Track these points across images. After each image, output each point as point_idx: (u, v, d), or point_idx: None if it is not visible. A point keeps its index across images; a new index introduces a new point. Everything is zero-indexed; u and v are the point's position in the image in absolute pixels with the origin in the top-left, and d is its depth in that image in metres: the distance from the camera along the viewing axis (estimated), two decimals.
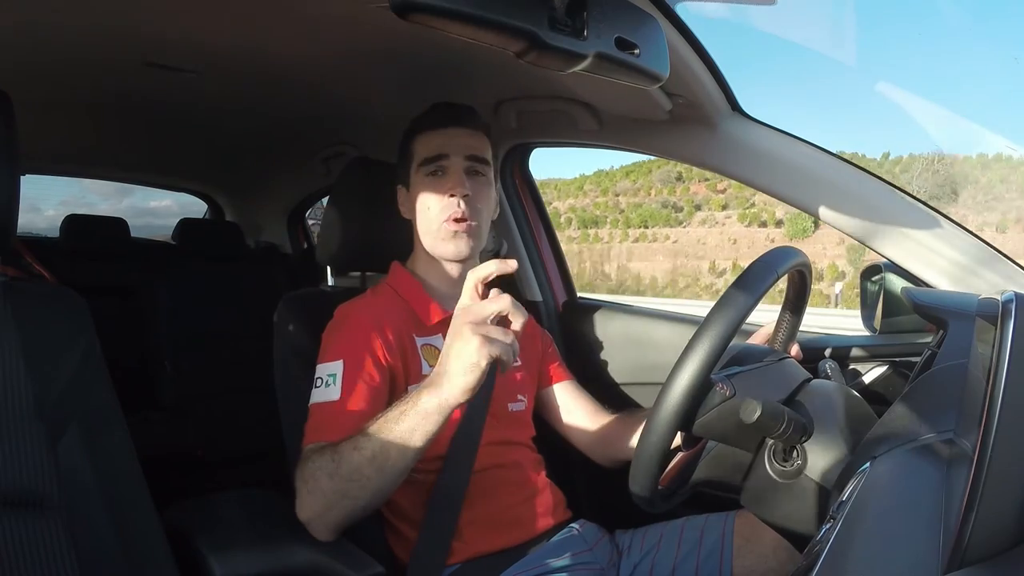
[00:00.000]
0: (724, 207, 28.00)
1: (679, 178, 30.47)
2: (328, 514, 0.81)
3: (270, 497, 0.95)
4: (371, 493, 0.80)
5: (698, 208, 28.96)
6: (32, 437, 0.70)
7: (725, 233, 27.47)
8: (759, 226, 26.27)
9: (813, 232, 23.86)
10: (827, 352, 1.08)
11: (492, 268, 0.75)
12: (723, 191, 28.48)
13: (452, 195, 0.97)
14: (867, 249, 1.02)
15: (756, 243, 26.57)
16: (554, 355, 1.20)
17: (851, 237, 1.00)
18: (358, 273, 1.19)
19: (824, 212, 1.00)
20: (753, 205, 26.65)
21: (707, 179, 29.24)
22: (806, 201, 1.02)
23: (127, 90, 1.39)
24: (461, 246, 0.99)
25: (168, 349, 2.01)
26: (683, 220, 28.90)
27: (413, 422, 0.77)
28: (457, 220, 0.97)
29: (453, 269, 1.04)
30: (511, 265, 0.76)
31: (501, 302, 0.74)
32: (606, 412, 1.14)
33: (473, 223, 0.98)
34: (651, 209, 29.52)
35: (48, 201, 2.39)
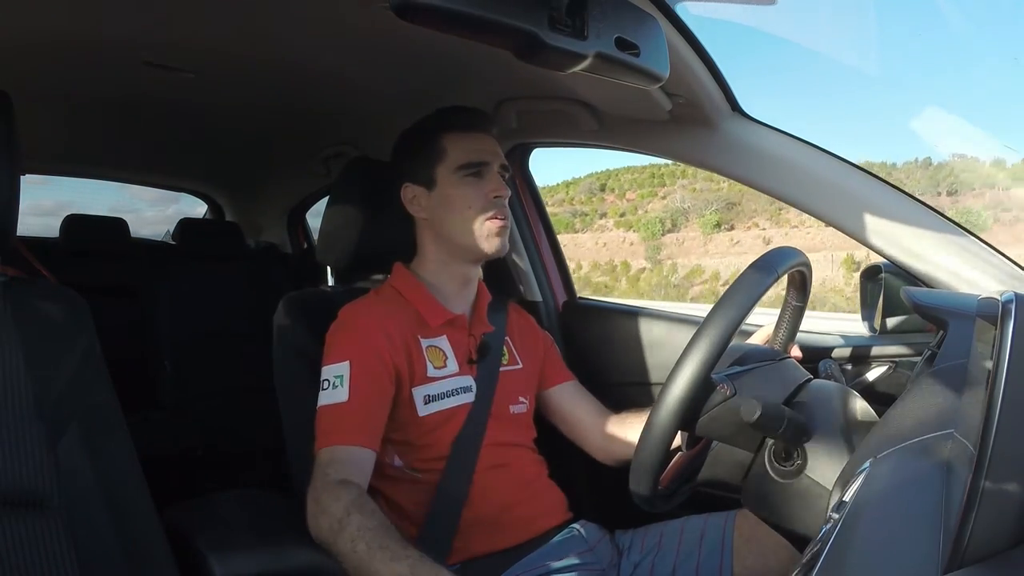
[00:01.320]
0: (622, 215, 29.06)
1: (602, 188, 31.29)
2: (328, 549, 0.82)
3: (270, 497, 0.95)
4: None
5: (603, 216, 29.98)
6: (32, 437, 0.70)
7: (602, 239, 28.84)
8: (633, 232, 27.70)
9: (662, 236, 25.08)
10: (828, 352, 1.08)
11: None
12: (629, 200, 29.35)
13: (497, 196, 1.01)
14: (662, 247, 1.03)
15: (618, 245, 28.21)
16: (555, 356, 1.20)
17: (851, 237, 1.00)
18: (380, 276, 1.18)
19: (824, 212, 1.00)
20: (647, 212, 27.69)
21: (622, 190, 30.54)
22: (807, 201, 1.02)
23: (126, 90, 1.39)
24: (504, 243, 1.03)
25: (168, 349, 2.01)
26: (579, 227, 29.97)
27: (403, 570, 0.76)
28: (500, 219, 1.01)
29: (470, 271, 1.06)
30: None
31: None
32: (608, 412, 1.13)
33: (509, 223, 1.03)
34: (562, 218, 30.50)
35: (97, 208, 2.39)
